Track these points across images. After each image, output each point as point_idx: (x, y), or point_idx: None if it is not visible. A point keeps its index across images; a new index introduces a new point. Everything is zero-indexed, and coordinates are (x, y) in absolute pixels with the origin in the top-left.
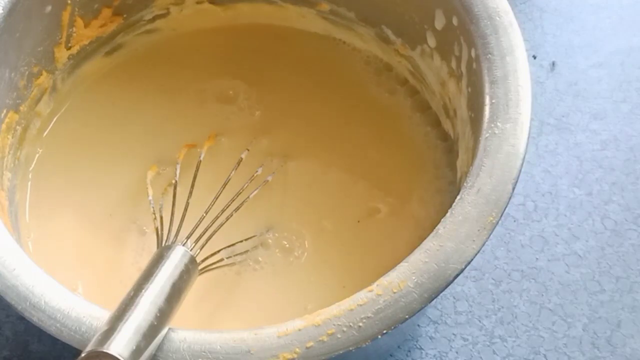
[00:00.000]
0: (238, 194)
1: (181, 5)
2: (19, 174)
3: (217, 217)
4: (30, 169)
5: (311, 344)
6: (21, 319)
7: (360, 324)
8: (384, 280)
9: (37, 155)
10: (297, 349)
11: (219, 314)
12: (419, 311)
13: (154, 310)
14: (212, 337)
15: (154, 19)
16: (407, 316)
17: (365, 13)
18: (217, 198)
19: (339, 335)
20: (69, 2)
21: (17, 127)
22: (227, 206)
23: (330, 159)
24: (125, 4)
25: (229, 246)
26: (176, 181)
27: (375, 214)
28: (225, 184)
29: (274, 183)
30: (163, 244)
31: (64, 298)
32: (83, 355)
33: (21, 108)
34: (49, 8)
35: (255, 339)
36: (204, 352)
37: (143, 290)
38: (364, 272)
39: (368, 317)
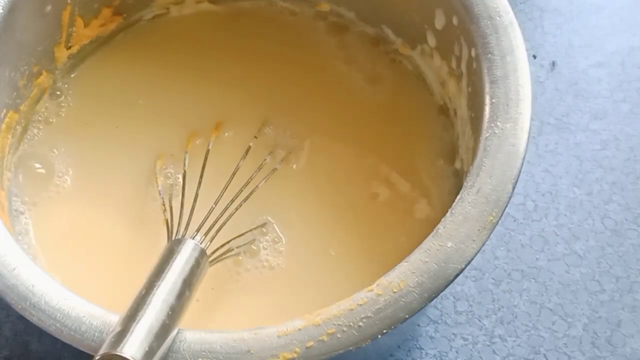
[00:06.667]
0: (247, 183)
1: (181, 4)
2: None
3: (226, 208)
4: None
5: (311, 343)
6: (21, 318)
7: (360, 324)
8: (384, 280)
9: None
10: (297, 349)
11: (219, 311)
12: (419, 311)
13: (166, 308)
14: (212, 337)
15: (153, 19)
16: (407, 316)
17: (365, 13)
18: (226, 188)
19: (339, 335)
20: (69, 1)
21: (17, 127)
22: (236, 196)
23: (335, 147)
24: (125, 3)
25: (238, 236)
26: (185, 171)
27: (376, 207)
28: (234, 174)
29: (279, 170)
30: (173, 237)
31: (64, 298)
32: (97, 358)
33: (21, 108)
34: (49, 8)
35: (255, 338)
36: (204, 352)
37: (154, 289)
38: (368, 263)
39: (368, 316)
